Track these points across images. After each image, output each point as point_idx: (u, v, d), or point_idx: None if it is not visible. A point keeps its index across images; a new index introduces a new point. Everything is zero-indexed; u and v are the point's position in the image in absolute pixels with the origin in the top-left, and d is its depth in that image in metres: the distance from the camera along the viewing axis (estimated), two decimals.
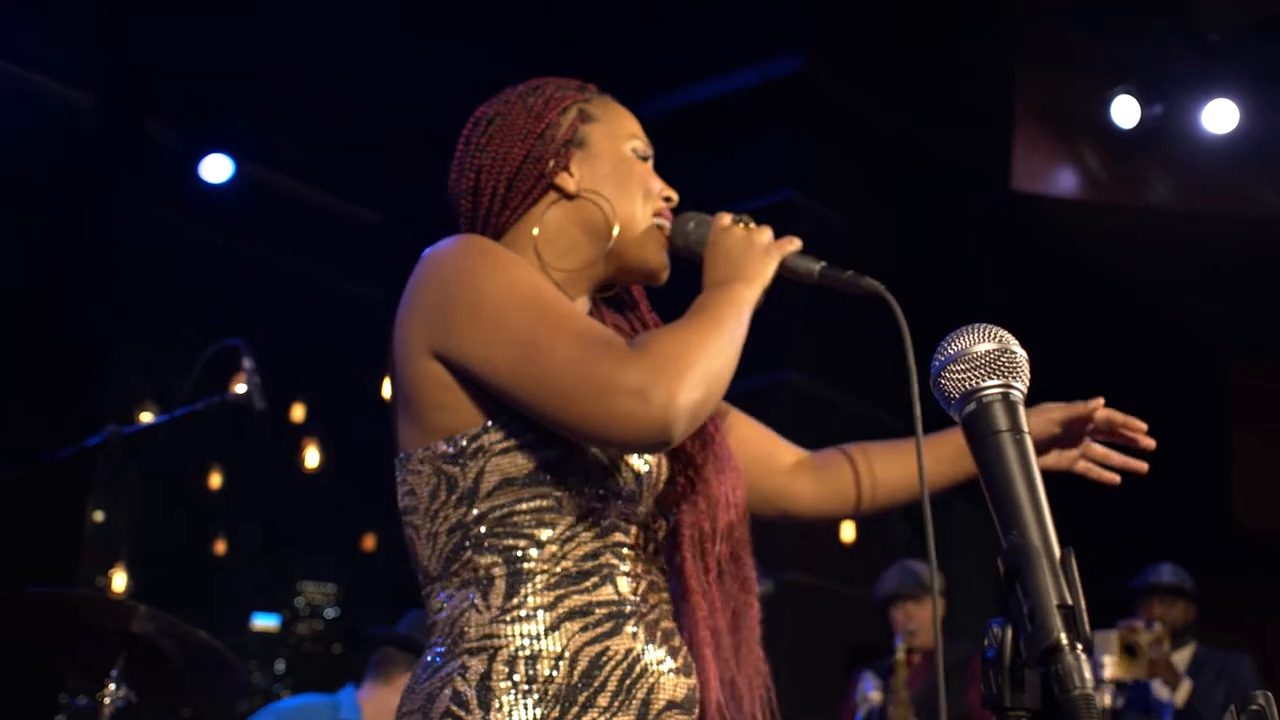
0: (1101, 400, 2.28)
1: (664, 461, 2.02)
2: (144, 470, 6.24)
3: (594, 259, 2.12)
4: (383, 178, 7.06)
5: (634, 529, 2.00)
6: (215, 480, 7.81)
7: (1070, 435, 2.34)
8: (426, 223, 7.30)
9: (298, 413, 7.46)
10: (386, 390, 2.11)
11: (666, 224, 2.15)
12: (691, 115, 6.94)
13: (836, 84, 7.08)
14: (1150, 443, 2.26)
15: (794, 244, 2.10)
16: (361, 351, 7.52)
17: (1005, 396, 1.37)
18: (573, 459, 1.93)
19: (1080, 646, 1.24)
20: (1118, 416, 2.31)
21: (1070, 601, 1.26)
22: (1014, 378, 1.38)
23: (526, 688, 1.86)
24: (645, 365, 1.82)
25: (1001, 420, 1.36)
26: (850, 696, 5.89)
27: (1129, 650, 5.70)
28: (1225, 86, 6.66)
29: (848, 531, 7.15)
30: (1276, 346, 8.64)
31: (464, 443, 1.94)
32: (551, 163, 2.10)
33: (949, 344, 1.41)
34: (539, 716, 1.85)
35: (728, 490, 2.13)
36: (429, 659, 1.94)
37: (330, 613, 8.64)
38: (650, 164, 2.19)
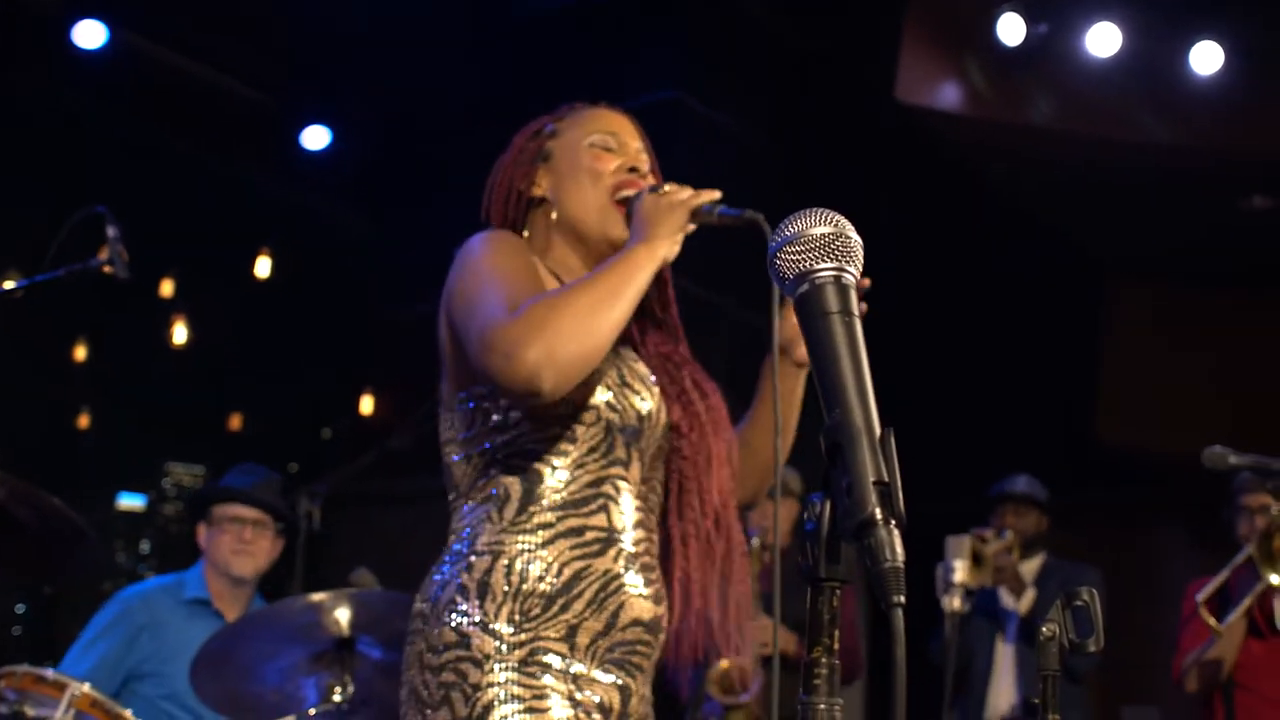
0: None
1: (664, 406, 2.39)
2: (7, 339, 6.10)
3: (571, 248, 2.47)
4: (262, 53, 6.92)
5: (635, 465, 2.34)
6: (80, 353, 7.68)
7: None
8: (305, 100, 7.22)
9: (166, 288, 7.34)
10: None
11: (631, 192, 2.43)
12: (580, 14, 6.88)
13: None
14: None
15: (702, 197, 2.34)
16: (234, 230, 7.46)
17: (838, 279, 1.39)
18: (584, 397, 2.27)
19: (894, 522, 1.27)
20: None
21: (887, 479, 1.28)
22: (847, 261, 1.41)
23: (518, 587, 2.24)
24: (516, 328, 2.14)
25: (833, 302, 1.38)
26: None
27: (974, 557, 5.83)
28: (1110, 10, 6.73)
29: None
30: (1149, 267, 8.81)
31: (488, 388, 2.32)
32: (522, 182, 2.50)
33: (786, 226, 1.43)
34: (524, 611, 2.23)
35: (725, 449, 2.45)
36: (447, 557, 2.32)
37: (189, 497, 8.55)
38: (617, 151, 2.48)
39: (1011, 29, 6.75)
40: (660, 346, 2.52)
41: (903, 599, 1.24)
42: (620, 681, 2.31)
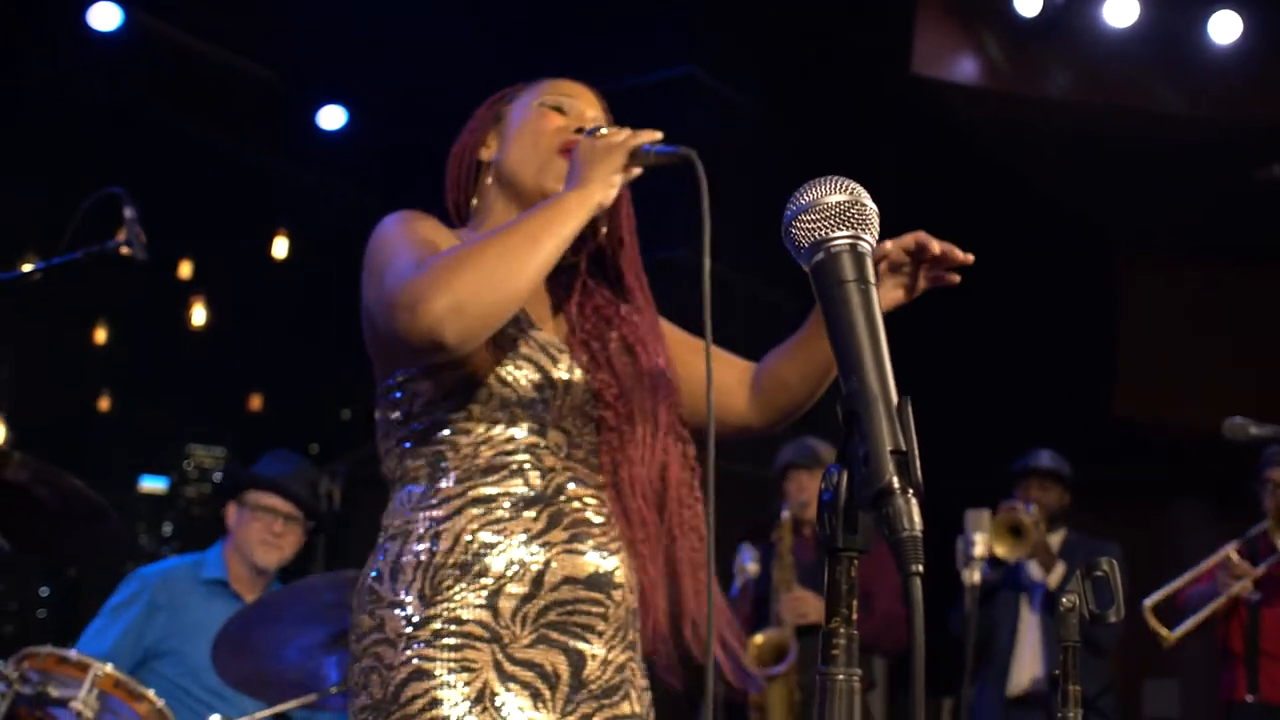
0: (922, 232, 2.29)
1: (574, 375, 2.28)
2: (27, 320, 6.13)
3: (510, 207, 2.35)
4: (278, 33, 6.92)
5: (553, 432, 2.25)
6: (100, 335, 7.70)
7: (902, 268, 2.34)
8: (319, 82, 7.22)
9: (185, 270, 7.36)
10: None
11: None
12: None
13: None
14: (969, 257, 2.29)
15: (640, 137, 2.22)
16: (251, 211, 7.46)
17: (854, 247, 1.39)
18: (482, 375, 2.20)
19: (911, 491, 1.26)
20: (939, 244, 2.29)
21: (904, 447, 1.28)
22: (863, 229, 1.40)
23: (428, 561, 2.16)
24: (420, 280, 2.05)
25: (849, 270, 1.37)
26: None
27: (1015, 530, 5.83)
28: None
29: None
30: (1165, 240, 8.78)
31: (401, 377, 2.27)
32: (474, 148, 2.42)
33: (801, 194, 1.42)
34: (435, 584, 2.15)
35: (657, 410, 2.33)
36: (374, 552, 2.26)
37: (219, 476, 8.59)
38: (569, 114, 2.38)
39: (1029, 0, 6.72)
40: (603, 309, 2.40)
41: (920, 568, 1.24)
42: (567, 645, 2.19)
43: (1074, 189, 8.24)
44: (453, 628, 2.13)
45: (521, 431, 2.23)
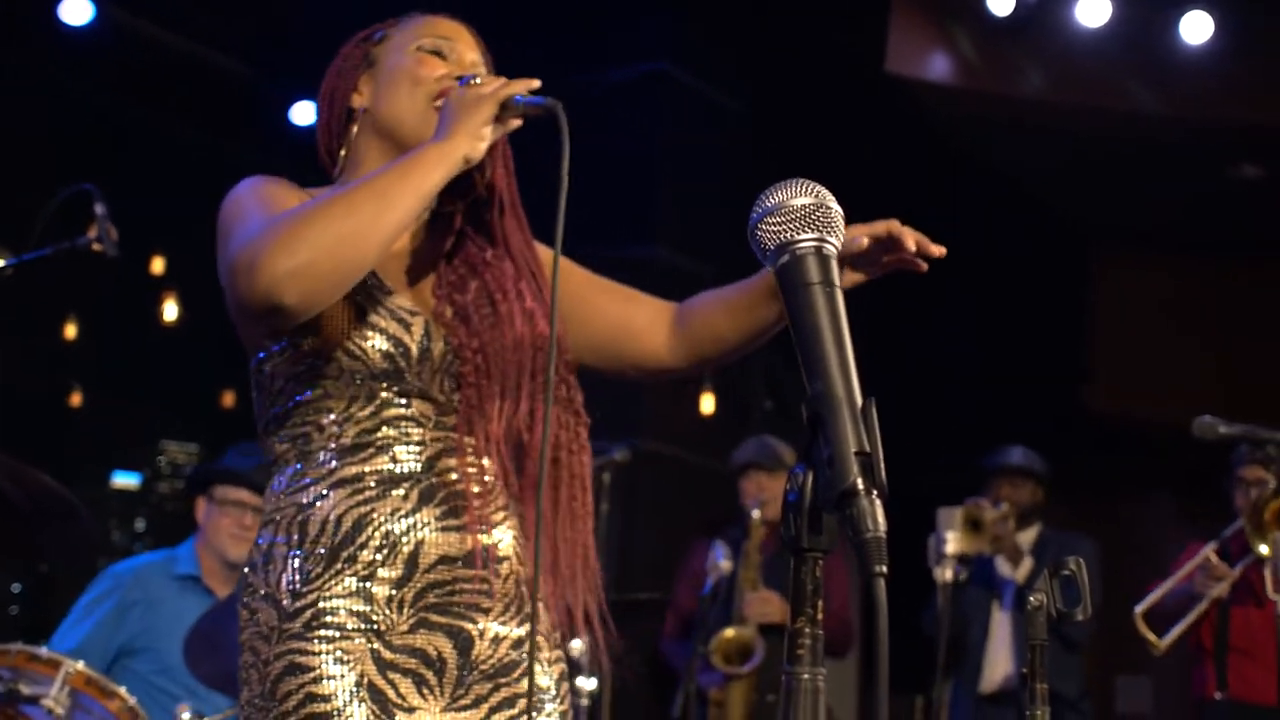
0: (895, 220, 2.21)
1: (434, 338, 2.12)
2: None
3: (385, 160, 2.17)
4: (250, 28, 6.90)
5: (416, 402, 2.11)
6: (71, 332, 7.66)
7: (870, 254, 2.23)
8: (292, 77, 7.20)
9: (157, 266, 7.32)
10: None
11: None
12: None
13: None
14: (941, 250, 2.21)
15: (513, 87, 2.09)
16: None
17: (819, 250, 1.40)
18: (331, 349, 2.07)
19: (875, 492, 1.27)
20: (912, 236, 2.21)
21: (868, 449, 1.29)
22: (828, 232, 1.41)
23: (297, 548, 2.05)
24: (261, 239, 1.93)
25: (814, 273, 1.39)
26: (689, 564, 5.98)
27: (972, 524, 5.84)
28: None
29: (707, 404, 7.23)
30: (1137, 237, 8.83)
31: (262, 355, 2.14)
32: (343, 93, 2.27)
33: (767, 197, 1.43)
34: (306, 572, 2.04)
35: (521, 360, 2.17)
36: None
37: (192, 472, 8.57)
38: (449, 58, 2.24)
39: None
40: (472, 258, 2.25)
41: (884, 569, 1.25)
42: (451, 627, 2.07)
43: (1046, 186, 8.29)
44: (326, 619, 2.01)
45: (386, 404, 2.09)
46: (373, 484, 2.07)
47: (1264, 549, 4.82)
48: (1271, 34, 6.88)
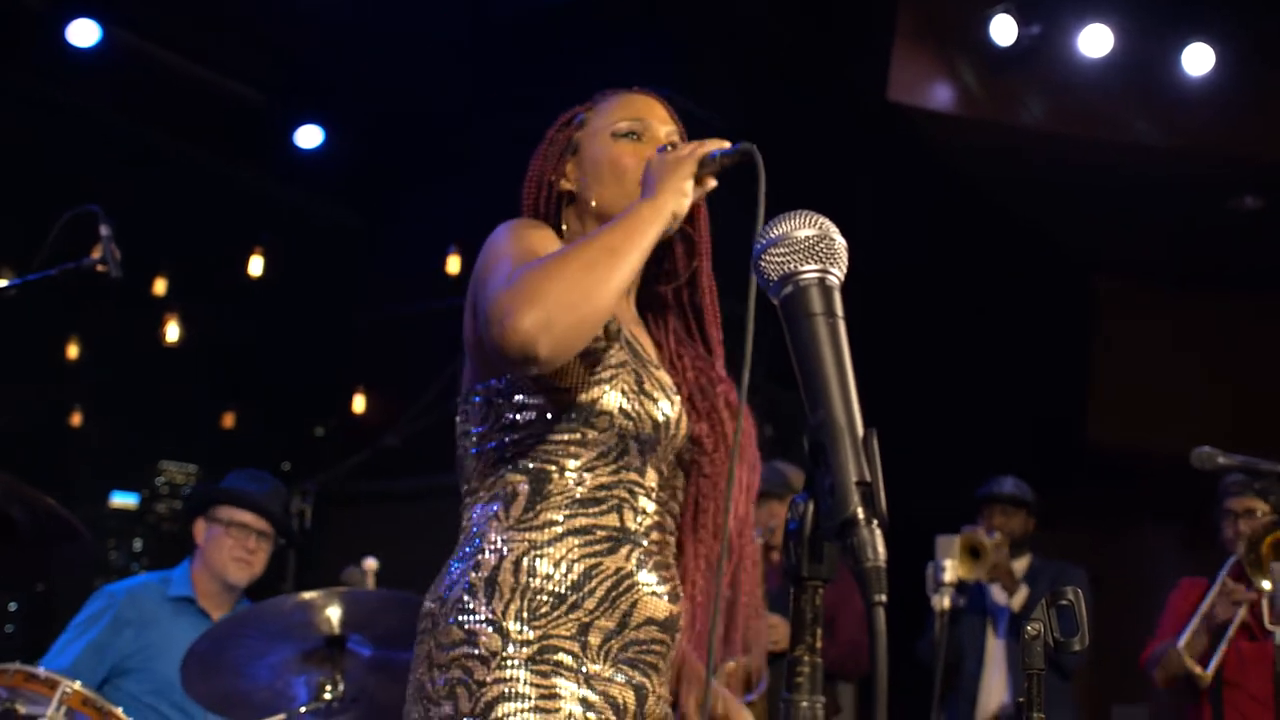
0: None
1: (685, 418, 2.32)
2: (0, 336, 6.11)
3: None
4: (256, 52, 6.93)
5: (651, 472, 2.28)
6: (73, 351, 7.68)
7: None
8: (298, 99, 7.23)
9: (159, 287, 7.34)
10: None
11: None
12: (569, 11, 6.89)
13: None
14: None
15: (707, 145, 2.26)
16: (226, 229, 7.47)
17: (822, 281, 1.42)
18: (601, 401, 2.21)
19: (875, 522, 1.29)
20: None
21: (869, 479, 1.30)
22: (832, 264, 1.43)
23: (526, 584, 2.18)
24: (508, 295, 2.07)
25: (817, 304, 1.41)
26: None
27: (973, 551, 5.84)
28: (1102, 11, 6.75)
29: None
30: (1137, 268, 8.84)
31: (510, 380, 2.26)
32: (552, 175, 2.44)
33: (771, 228, 1.45)
34: (532, 608, 2.17)
35: (748, 473, 2.37)
36: (456, 557, 2.27)
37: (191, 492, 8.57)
38: (644, 137, 2.40)
39: (1004, 29, 6.76)
40: (696, 361, 2.45)
41: (884, 598, 1.26)
42: (635, 681, 2.24)
43: (1048, 216, 8.30)
44: (549, 655, 2.16)
45: (628, 466, 2.26)
46: (603, 538, 2.22)
47: (1266, 584, 4.81)
48: (1273, 66, 6.90)
